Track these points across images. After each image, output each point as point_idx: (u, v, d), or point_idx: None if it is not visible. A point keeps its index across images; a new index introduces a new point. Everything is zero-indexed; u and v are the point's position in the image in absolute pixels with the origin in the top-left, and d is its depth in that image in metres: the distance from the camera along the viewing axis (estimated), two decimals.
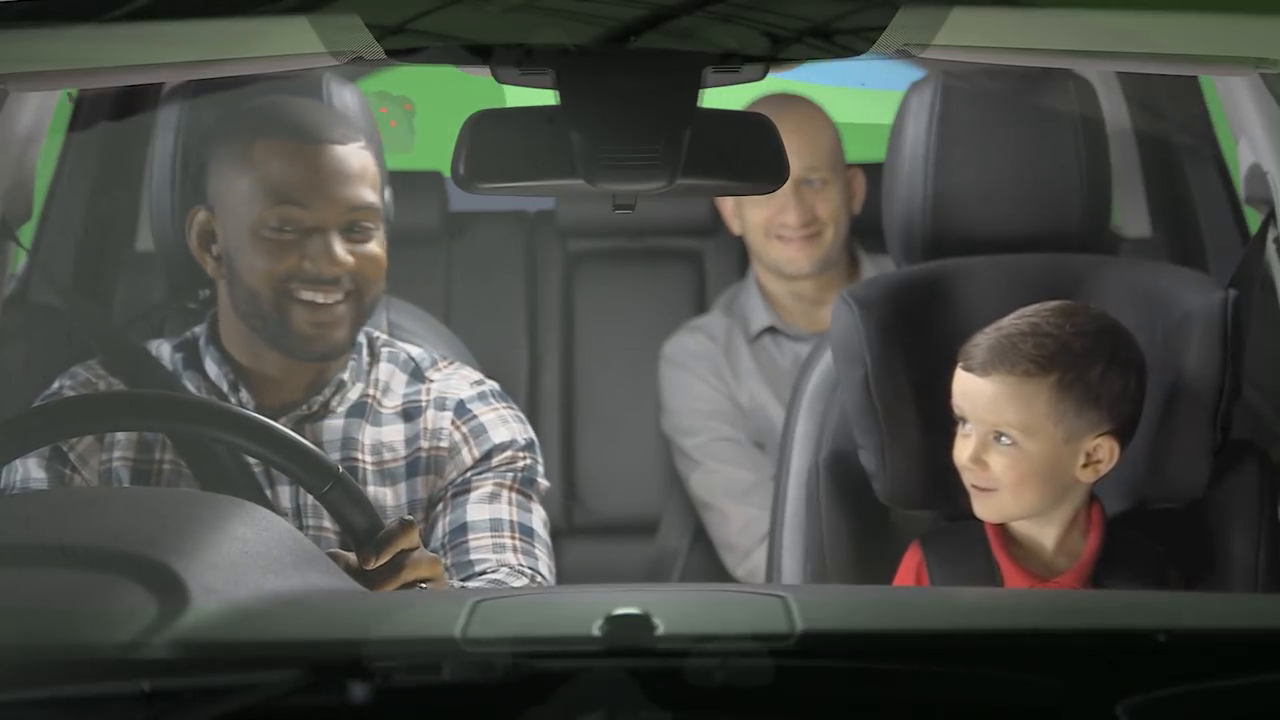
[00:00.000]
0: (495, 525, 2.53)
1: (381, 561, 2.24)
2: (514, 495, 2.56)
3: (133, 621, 1.69)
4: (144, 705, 1.56)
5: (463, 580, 2.46)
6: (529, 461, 2.60)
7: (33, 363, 2.90)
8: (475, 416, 2.61)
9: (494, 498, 2.55)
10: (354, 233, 2.54)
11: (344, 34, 1.97)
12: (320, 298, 2.52)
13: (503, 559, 2.50)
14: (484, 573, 2.48)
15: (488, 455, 2.58)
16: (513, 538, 2.52)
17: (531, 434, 2.63)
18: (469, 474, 2.57)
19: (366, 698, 1.53)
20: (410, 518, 2.28)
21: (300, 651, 1.65)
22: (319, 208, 2.51)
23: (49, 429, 2.37)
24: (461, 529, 2.52)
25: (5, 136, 2.52)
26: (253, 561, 1.84)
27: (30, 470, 2.50)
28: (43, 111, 2.64)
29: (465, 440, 2.58)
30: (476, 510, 2.54)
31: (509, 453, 2.59)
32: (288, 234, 2.51)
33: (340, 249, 2.52)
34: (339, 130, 2.57)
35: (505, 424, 2.61)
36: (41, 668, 1.62)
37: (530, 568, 2.51)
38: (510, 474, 2.58)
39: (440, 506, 2.56)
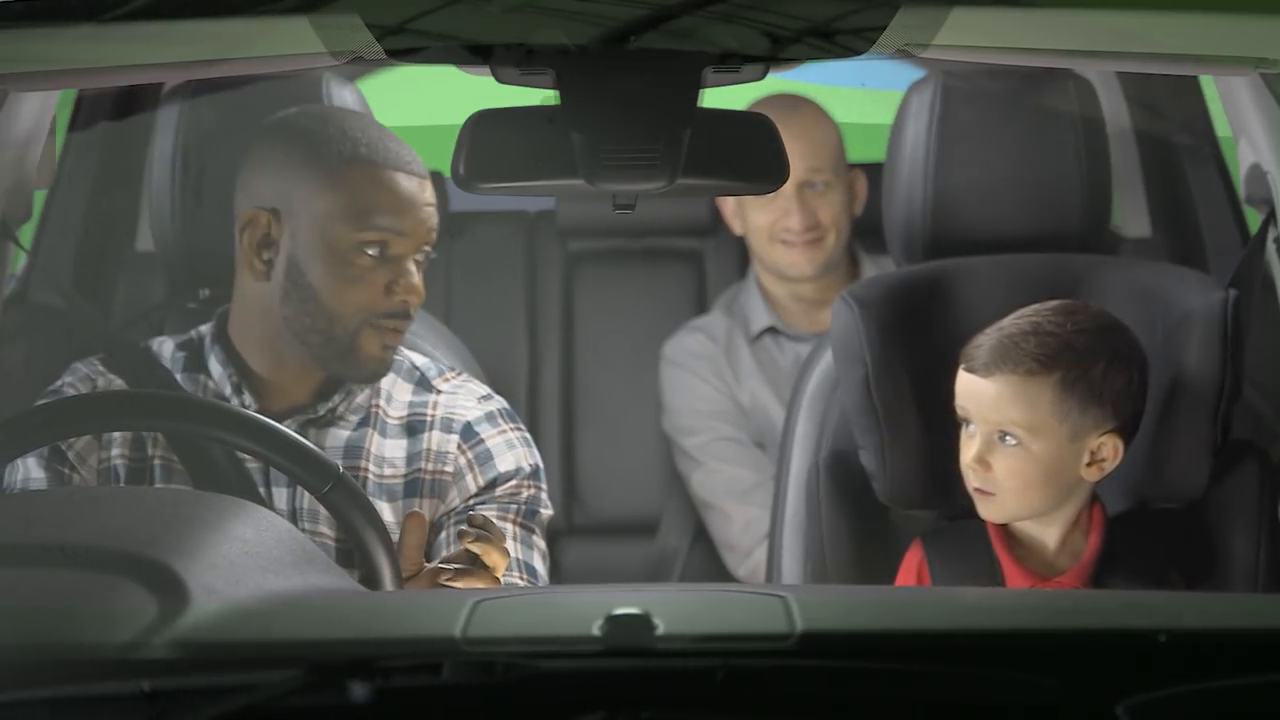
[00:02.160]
0: None
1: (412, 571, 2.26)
2: (518, 530, 2.55)
3: (133, 621, 1.69)
4: (144, 705, 1.56)
5: None
6: (533, 491, 2.58)
7: (33, 363, 2.90)
8: (482, 441, 2.58)
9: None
10: (419, 262, 2.53)
11: (344, 34, 1.97)
12: (394, 325, 2.52)
13: None
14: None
15: (492, 484, 2.56)
16: (521, 578, 2.52)
17: (537, 458, 2.61)
18: (472, 501, 2.56)
19: (366, 698, 1.53)
20: (417, 510, 2.26)
21: (300, 651, 1.65)
22: (409, 235, 2.51)
23: (50, 428, 2.37)
24: None
25: (5, 136, 2.52)
26: (253, 561, 1.84)
27: (30, 470, 2.49)
28: (43, 111, 2.64)
29: (470, 466, 2.56)
30: None
31: (514, 482, 2.57)
32: (374, 258, 2.50)
33: (418, 278, 2.52)
34: (419, 163, 2.56)
35: (511, 449, 2.59)
36: (41, 668, 1.62)
37: None
38: (514, 506, 2.56)
39: (444, 535, 2.55)
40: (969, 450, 2.44)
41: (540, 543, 2.57)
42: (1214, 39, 2.07)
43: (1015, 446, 2.41)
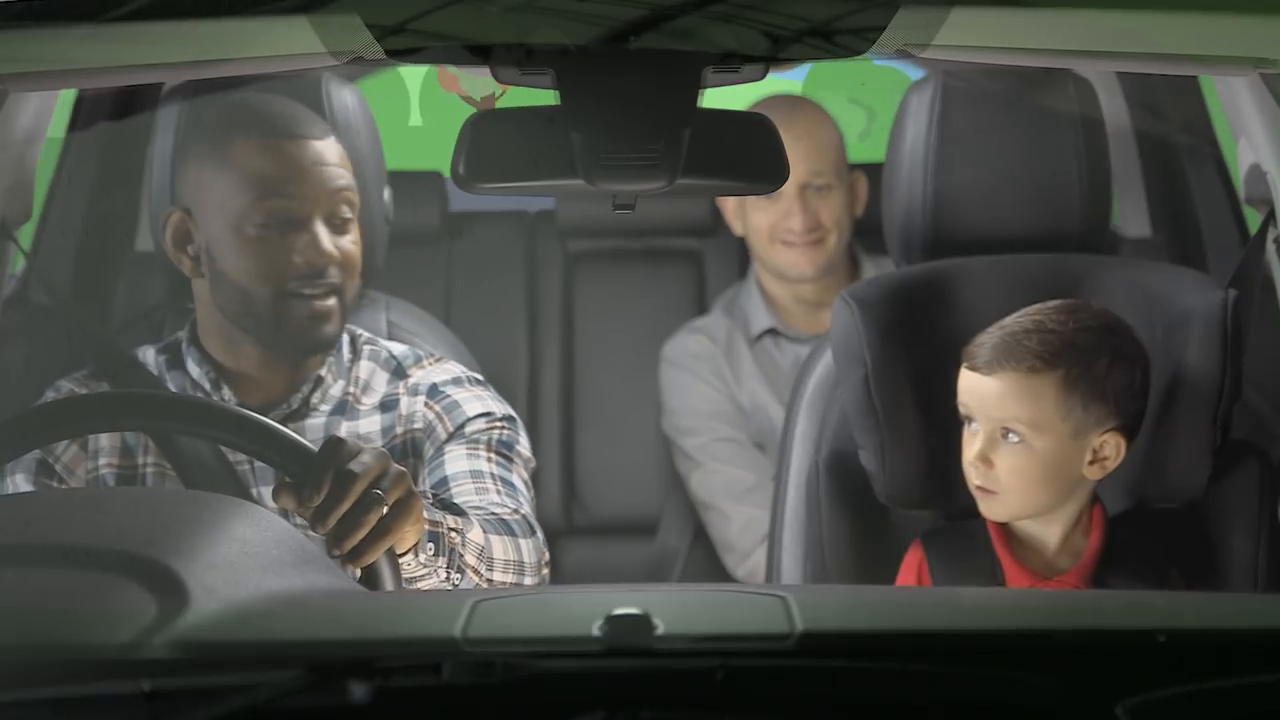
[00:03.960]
0: (475, 475, 2.52)
1: (324, 491, 2.14)
2: (492, 455, 2.56)
3: (133, 621, 1.69)
4: (144, 705, 1.56)
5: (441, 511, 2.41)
6: (507, 431, 2.59)
7: (32, 363, 2.90)
8: (448, 395, 2.61)
9: (471, 456, 2.54)
10: (334, 224, 2.56)
11: (344, 34, 1.97)
12: (314, 290, 2.53)
13: (485, 499, 2.49)
14: (465, 514, 2.45)
15: (461, 427, 2.58)
16: (494, 484, 2.52)
17: (510, 410, 2.63)
18: (444, 445, 2.57)
19: (366, 698, 1.53)
20: (338, 436, 2.22)
21: (300, 651, 1.65)
22: (304, 197, 2.53)
23: (47, 430, 2.36)
24: (442, 482, 2.52)
25: (5, 136, 2.52)
26: (253, 561, 1.84)
27: (19, 485, 2.50)
28: (43, 111, 2.64)
29: (439, 417, 2.59)
30: (454, 464, 2.54)
31: (484, 422, 2.59)
32: (274, 228, 2.53)
33: (327, 240, 2.53)
34: (312, 126, 2.59)
35: (480, 400, 2.62)
36: (41, 668, 1.62)
37: (514, 508, 2.50)
38: (485, 439, 2.57)
39: (419, 478, 2.56)
40: (971, 448, 2.44)
41: (520, 471, 2.57)
42: (1214, 39, 2.07)
43: (1018, 444, 2.41)
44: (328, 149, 2.57)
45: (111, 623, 1.70)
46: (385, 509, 2.15)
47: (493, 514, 2.45)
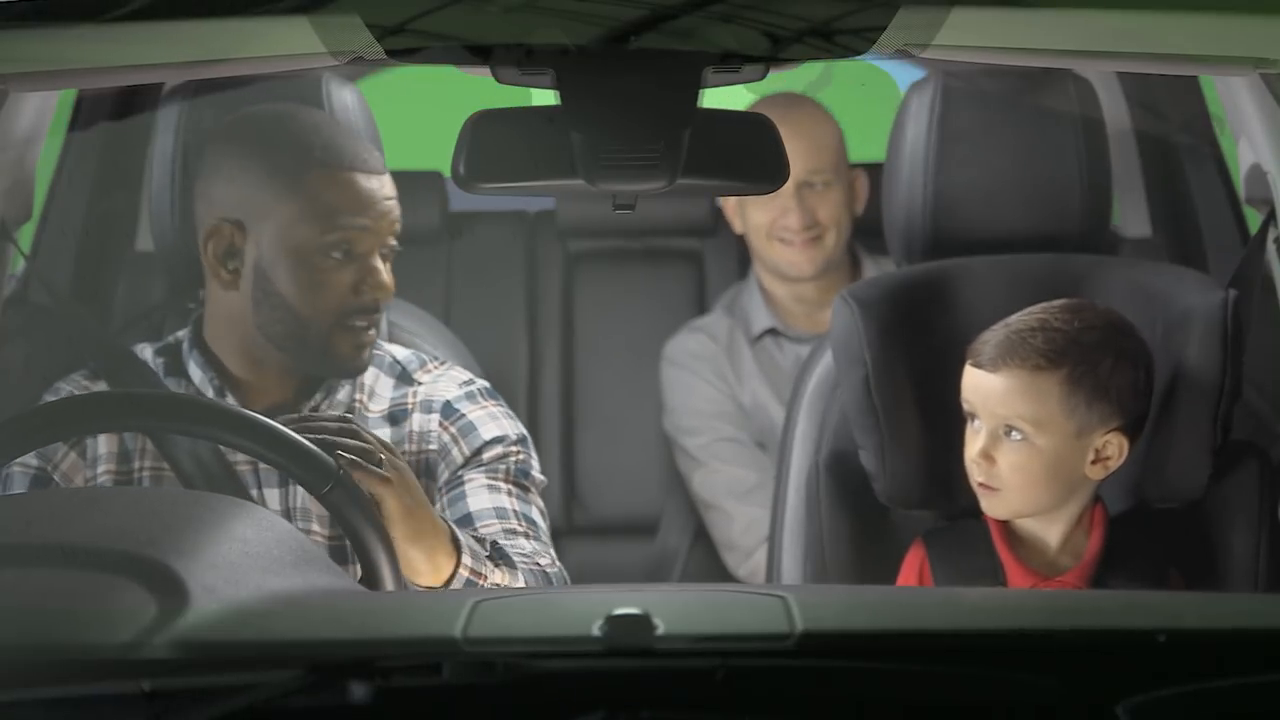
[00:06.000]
0: (500, 513, 2.52)
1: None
2: (511, 487, 2.56)
3: (133, 621, 1.69)
4: (144, 705, 1.56)
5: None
6: (522, 456, 2.59)
7: (33, 363, 2.90)
8: (463, 415, 2.60)
9: (492, 489, 2.54)
10: (384, 254, 2.57)
11: (344, 34, 1.97)
12: (365, 321, 2.55)
13: (516, 545, 2.49)
14: (507, 558, 2.46)
15: (478, 452, 2.57)
16: (520, 525, 2.52)
17: (523, 429, 2.63)
18: (460, 471, 2.57)
19: (366, 698, 1.53)
20: (349, 415, 2.28)
21: (300, 651, 1.65)
22: (372, 232, 2.54)
23: (47, 430, 2.36)
24: (466, 519, 2.51)
25: (5, 136, 2.52)
26: (253, 561, 1.84)
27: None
28: (43, 111, 2.64)
29: (455, 440, 2.58)
30: (477, 500, 2.53)
31: (500, 448, 2.58)
32: (338, 260, 2.53)
33: (386, 274, 2.55)
34: (376, 159, 2.59)
35: (494, 420, 2.61)
36: (41, 668, 1.62)
37: (550, 559, 2.51)
38: (503, 467, 2.57)
39: (437, 507, 2.55)
40: (974, 445, 2.44)
41: (537, 500, 2.58)
42: (1214, 39, 2.07)
43: (1020, 441, 2.42)
44: (387, 183, 2.58)
45: (111, 623, 1.70)
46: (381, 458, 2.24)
47: (537, 564, 2.46)
